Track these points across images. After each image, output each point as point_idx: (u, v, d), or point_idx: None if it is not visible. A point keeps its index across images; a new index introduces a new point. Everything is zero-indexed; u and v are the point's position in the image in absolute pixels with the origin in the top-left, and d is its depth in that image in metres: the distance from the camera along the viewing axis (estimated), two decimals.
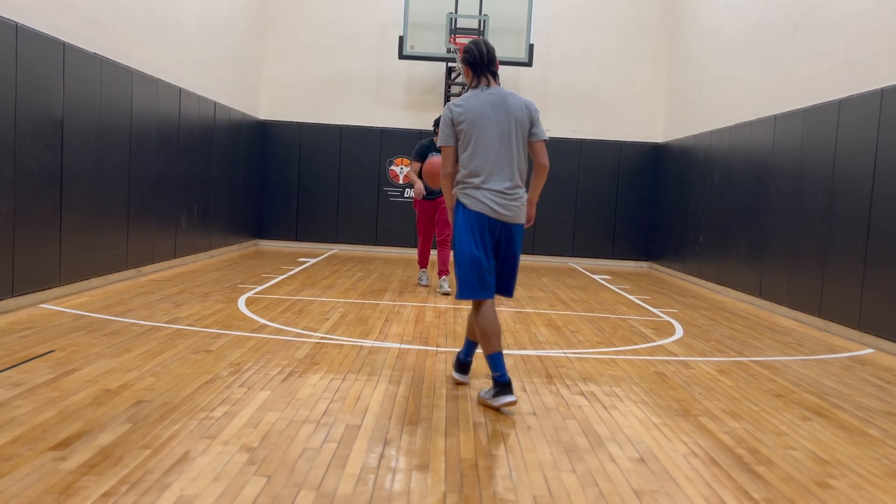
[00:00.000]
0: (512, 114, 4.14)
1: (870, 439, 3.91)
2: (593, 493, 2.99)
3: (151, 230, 8.92)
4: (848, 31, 7.67)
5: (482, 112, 4.12)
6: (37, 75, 6.41)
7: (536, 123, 4.22)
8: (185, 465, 3.02)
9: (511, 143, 4.14)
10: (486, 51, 4.22)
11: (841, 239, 7.38)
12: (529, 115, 4.19)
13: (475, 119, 4.11)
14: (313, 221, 13.92)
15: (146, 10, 8.74)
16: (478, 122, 4.11)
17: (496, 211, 4.11)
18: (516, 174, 4.18)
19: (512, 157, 4.15)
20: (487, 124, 4.11)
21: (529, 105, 4.21)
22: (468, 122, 4.12)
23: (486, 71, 4.21)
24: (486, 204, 4.10)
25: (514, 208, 4.16)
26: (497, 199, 4.12)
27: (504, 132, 4.12)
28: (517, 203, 4.18)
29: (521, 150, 4.19)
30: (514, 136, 4.15)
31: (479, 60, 4.21)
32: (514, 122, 4.15)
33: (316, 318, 6.55)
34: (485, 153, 4.11)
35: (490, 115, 4.12)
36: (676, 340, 6.48)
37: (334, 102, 13.91)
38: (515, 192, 4.17)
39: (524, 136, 4.20)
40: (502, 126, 4.12)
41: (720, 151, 10.77)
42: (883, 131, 6.80)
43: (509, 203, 4.14)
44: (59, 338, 5.19)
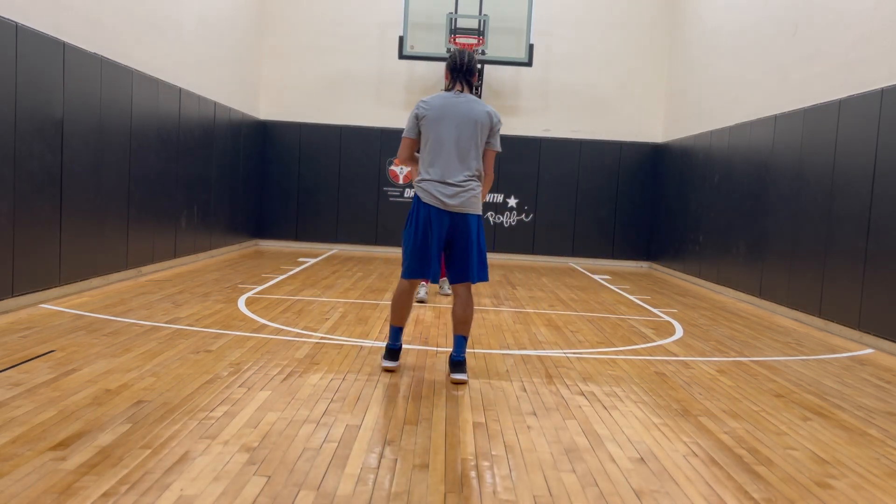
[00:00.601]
0: (472, 116, 4.46)
1: (870, 439, 3.91)
2: (593, 493, 2.99)
3: (151, 230, 8.92)
4: (848, 31, 7.67)
5: (444, 111, 4.46)
6: (37, 75, 6.41)
7: (495, 134, 4.55)
8: (185, 465, 3.02)
9: (466, 141, 4.45)
10: (468, 60, 4.57)
11: (841, 239, 7.38)
12: (491, 122, 4.51)
13: (437, 117, 4.46)
14: (313, 221, 13.92)
15: (146, 10, 8.74)
16: (438, 120, 4.46)
17: (444, 202, 4.46)
18: (468, 169, 4.48)
19: (466, 154, 4.46)
20: (447, 123, 4.44)
21: (493, 114, 4.54)
22: (429, 118, 4.48)
23: (462, 78, 4.58)
24: (436, 196, 4.47)
25: (462, 198, 4.46)
26: (445, 190, 4.46)
27: (461, 131, 4.44)
28: (467, 194, 4.47)
29: (477, 150, 4.50)
30: (470, 135, 4.46)
31: (459, 67, 4.56)
32: (473, 123, 4.46)
33: (316, 318, 6.55)
34: (440, 149, 4.46)
35: (451, 115, 4.45)
36: (676, 340, 6.48)
37: (334, 102, 13.91)
38: (466, 185, 4.47)
39: (482, 138, 4.50)
40: (460, 125, 4.44)
41: (720, 151, 10.77)
42: (883, 131, 6.80)
43: (458, 193, 4.46)
44: (59, 338, 5.19)
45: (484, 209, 13.82)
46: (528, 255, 14.01)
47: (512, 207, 14.00)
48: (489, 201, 13.94)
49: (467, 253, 4.55)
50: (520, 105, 14.06)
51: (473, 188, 4.51)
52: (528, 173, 13.96)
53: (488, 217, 13.96)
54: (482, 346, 5.80)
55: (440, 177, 4.48)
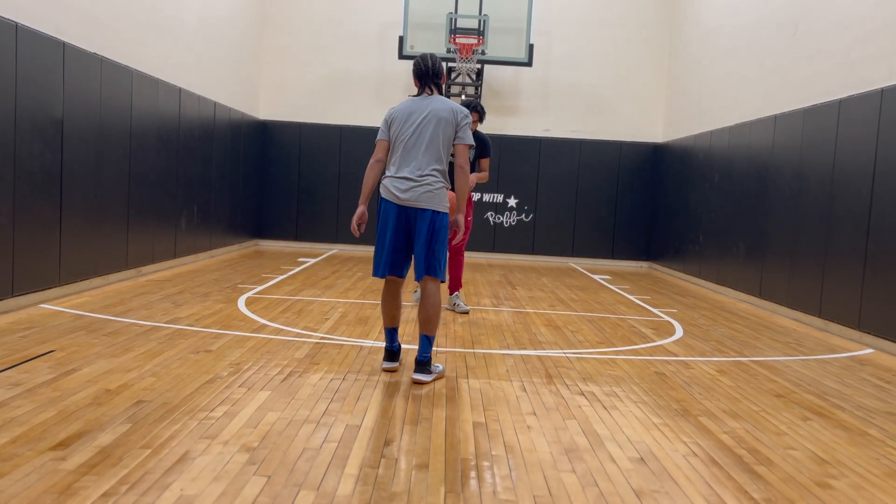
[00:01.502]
0: (435, 114, 4.52)
1: (870, 439, 3.91)
2: (593, 493, 2.99)
3: (151, 230, 8.92)
4: (848, 31, 7.67)
5: (408, 112, 4.57)
6: (37, 75, 6.41)
7: (462, 128, 4.57)
8: (185, 465, 3.02)
9: (428, 139, 4.50)
10: (433, 64, 4.66)
11: (841, 239, 7.38)
12: (455, 118, 4.54)
13: (401, 119, 4.57)
14: (313, 221, 13.92)
15: (146, 10, 8.74)
16: (402, 121, 4.56)
17: (397, 196, 4.51)
18: (428, 165, 4.51)
19: (427, 151, 4.50)
20: (409, 123, 4.54)
21: (458, 111, 4.56)
22: (396, 121, 4.59)
23: (429, 82, 4.65)
24: (391, 191, 4.54)
25: (416, 192, 4.48)
26: (399, 184, 4.52)
27: (422, 128, 4.51)
28: (421, 189, 4.49)
29: (439, 145, 4.52)
30: (432, 132, 4.50)
31: (425, 72, 4.65)
32: (436, 121, 4.51)
33: (316, 318, 6.55)
34: (401, 147, 4.55)
35: (413, 115, 4.54)
36: (676, 340, 6.48)
37: (334, 102, 13.91)
38: (422, 180, 4.49)
39: (446, 134, 4.53)
40: (422, 124, 4.51)
41: (720, 151, 10.77)
42: (883, 131, 6.80)
43: (413, 188, 4.49)
44: (59, 338, 5.19)
45: (484, 209, 13.91)
46: (528, 255, 14.01)
47: (512, 207, 14.00)
48: (489, 201, 13.95)
49: (423, 249, 4.53)
50: (520, 105, 14.06)
51: (430, 184, 4.50)
52: (528, 173, 13.96)
53: (488, 217, 13.96)
54: (482, 346, 5.80)
55: (396, 172, 4.56)
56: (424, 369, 4.54)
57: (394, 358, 4.82)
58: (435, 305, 4.59)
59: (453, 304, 7.40)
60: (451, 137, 4.56)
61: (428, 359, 4.57)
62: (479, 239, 13.96)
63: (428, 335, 4.60)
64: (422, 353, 4.56)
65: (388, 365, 4.80)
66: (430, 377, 4.55)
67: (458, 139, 4.59)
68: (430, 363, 4.58)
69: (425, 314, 4.59)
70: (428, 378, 4.52)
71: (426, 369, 4.55)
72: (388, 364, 4.80)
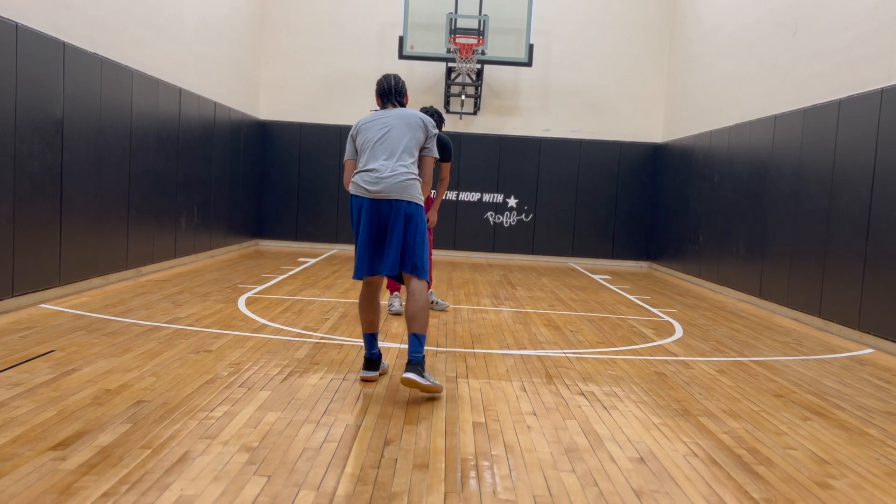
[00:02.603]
0: (403, 118, 4.41)
1: (870, 439, 3.91)
2: (593, 493, 2.99)
3: (151, 230, 8.92)
4: (848, 31, 7.67)
5: (373, 120, 4.45)
6: (37, 75, 6.41)
7: (430, 139, 4.48)
8: (185, 465, 3.02)
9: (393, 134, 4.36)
10: (395, 83, 4.55)
11: (841, 239, 7.38)
12: (424, 126, 4.43)
13: (367, 127, 4.44)
14: (313, 221, 13.92)
15: (146, 10, 8.74)
16: (368, 129, 4.43)
17: (367, 189, 4.31)
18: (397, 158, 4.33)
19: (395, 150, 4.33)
20: (375, 127, 4.41)
21: (427, 120, 4.46)
22: (361, 131, 4.46)
23: (392, 99, 4.54)
24: (360, 185, 4.34)
25: (386, 183, 4.28)
26: (367, 177, 4.32)
27: (390, 131, 4.37)
28: (392, 179, 4.28)
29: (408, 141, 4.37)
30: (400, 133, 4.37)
31: (388, 91, 4.54)
32: (404, 124, 4.39)
33: (316, 318, 6.55)
34: (368, 147, 4.39)
35: (379, 121, 4.43)
36: (676, 340, 6.48)
37: (334, 102, 13.91)
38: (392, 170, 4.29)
39: (414, 135, 4.39)
40: (389, 126, 4.38)
41: (720, 151, 10.77)
42: (883, 131, 6.80)
43: (383, 178, 4.28)
44: (59, 338, 5.19)
45: (484, 209, 13.91)
46: (528, 255, 14.01)
47: (512, 207, 14.00)
48: (489, 201, 13.95)
49: (391, 241, 4.29)
50: (520, 105, 14.06)
51: (402, 174, 4.29)
52: (528, 173, 13.96)
53: (488, 217, 13.96)
54: (482, 346, 5.80)
55: (364, 166, 4.37)
56: (416, 369, 4.11)
57: (373, 366, 4.54)
58: (420, 301, 4.27)
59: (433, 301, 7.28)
60: (419, 141, 4.42)
61: (420, 358, 4.16)
62: (479, 239, 13.97)
63: (417, 334, 4.23)
64: (413, 353, 4.19)
65: (367, 374, 4.52)
66: (424, 380, 4.08)
67: (426, 150, 4.48)
68: (422, 364, 4.16)
69: (411, 311, 4.27)
70: (422, 380, 4.07)
71: (418, 369, 4.11)
72: (367, 373, 4.52)
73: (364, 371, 4.54)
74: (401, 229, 4.28)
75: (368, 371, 4.54)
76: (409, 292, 4.33)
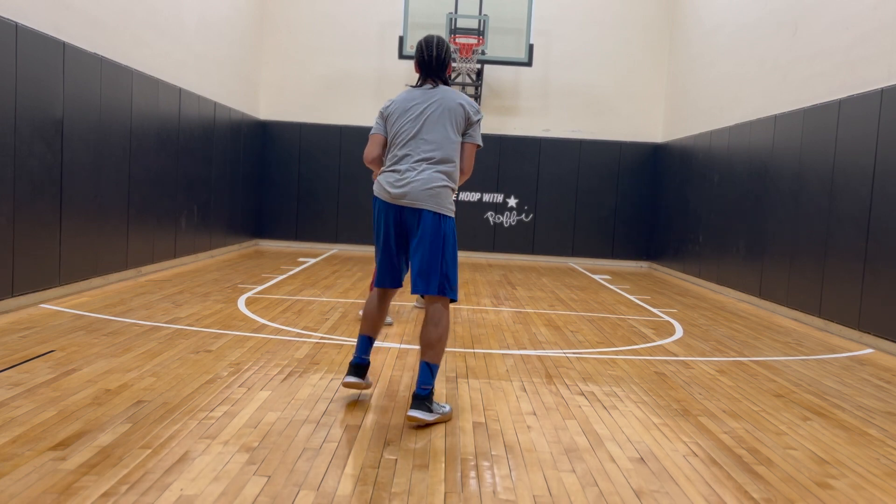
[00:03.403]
0: (443, 103, 3.84)
1: (870, 439, 3.91)
2: (593, 493, 2.99)
3: (151, 230, 8.92)
4: (848, 31, 7.67)
5: (408, 104, 3.88)
6: (37, 75, 6.41)
7: (473, 125, 3.91)
8: (185, 465, 3.02)
9: (432, 130, 3.81)
10: (437, 54, 3.95)
11: (841, 239, 7.38)
12: (466, 112, 3.86)
13: (400, 111, 3.89)
14: (313, 221, 13.92)
15: (146, 10, 8.74)
16: (402, 113, 3.88)
17: (389, 193, 3.79)
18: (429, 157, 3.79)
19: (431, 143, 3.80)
20: (410, 113, 3.85)
21: (469, 104, 3.90)
22: (393, 113, 3.91)
23: (433, 74, 3.96)
24: (383, 186, 3.84)
25: (412, 187, 3.75)
26: (392, 177, 3.81)
27: (427, 120, 3.82)
28: (419, 185, 3.74)
29: (449, 141, 3.82)
30: (439, 120, 3.81)
31: (428, 63, 3.96)
32: (442, 112, 3.83)
33: (316, 318, 6.54)
34: (400, 140, 3.86)
35: (415, 105, 3.86)
36: (676, 340, 6.48)
37: (334, 102, 13.91)
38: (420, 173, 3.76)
39: (455, 126, 3.84)
40: (426, 114, 3.82)
41: (720, 151, 10.77)
42: (883, 131, 6.80)
43: (409, 182, 3.75)
44: (59, 338, 5.19)
45: (484, 209, 13.91)
46: (528, 255, 14.01)
47: (512, 207, 13.99)
48: (489, 201, 13.95)
49: (418, 256, 3.79)
50: (520, 105, 14.06)
51: (431, 179, 3.75)
52: (528, 173, 13.96)
53: (488, 217, 13.96)
54: (482, 346, 5.80)
55: (389, 165, 3.87)
56: (423, 405, 3.64)
57: (360, 373, 3.98)
58: (440, 327, 3.76)
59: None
60: (460, 131, 3.86)
61: (428, 392, 3.68)
62: (480, 239, 13.97)
63: (430, 363, 3.73)
64: (421, 385, 3.69)
65: (352, 380, 3.96)
66: (432, 416, 3.66)
67: (469, 137, 3.91)
68: (430, 398, 3.69)
69: (427, 337, 3.75)
70: (429, 417, 3.64)
71: (425, 405, 3.64)
72: (352, 379, 3.97)
73: (349, 376, 3.98)
74: (427, 245, 3.75)
75: (355, 377, 3.98)
76: (429, 315, 3.81)
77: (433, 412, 3.68)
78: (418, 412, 3.62)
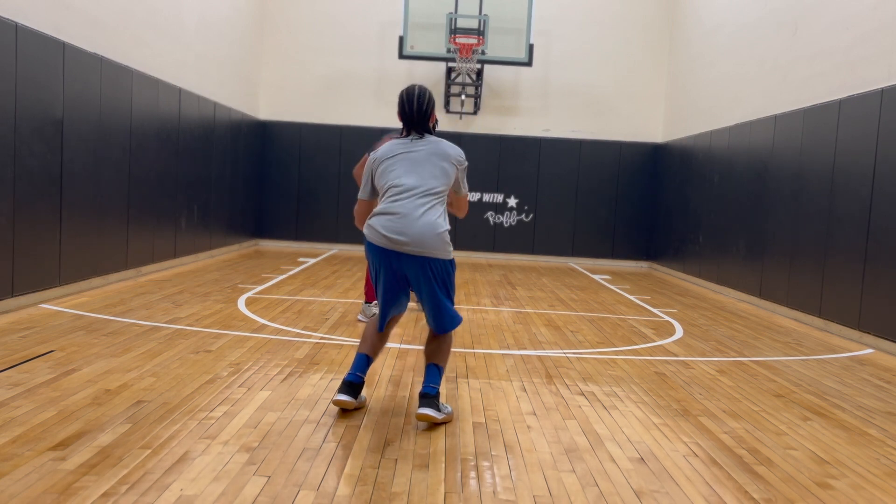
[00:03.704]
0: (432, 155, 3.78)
1: (870, 439, 3.91)
2: (593, 493, 2.99)
3: (151, 230, 8.92)
4: (848, 31, 7.67)
5: (396, 157, 3.79)
6: (37, 75, 6.41)
7: (462, 173, 3.88)
8: (185, 465, 3.02)
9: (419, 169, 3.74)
10: (418, 106, 3.81)
11: (841, 239, 7.38)
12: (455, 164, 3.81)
13: (389, 166, 3.78)
14: (313, 221, 13.92)
15: (146, 10, 8.74)
16: (390, 168, 3.77)
17: (388, 239, 3.66)
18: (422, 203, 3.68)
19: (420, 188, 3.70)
20: (398, 167, 3.76)
21: (457, 157, 3.82)
22: (382, 172, 3.80)
23: (415, 128, 3.84)
24: (379, 232, 3.69)
25: (411, 235, 3.64)
26: (388, 222, 3.68)
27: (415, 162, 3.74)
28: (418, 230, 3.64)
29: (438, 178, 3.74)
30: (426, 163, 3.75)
31: (409, 115, 3.83)
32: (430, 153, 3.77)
33: (316, 318, 6.54)
34: (391, 193, 3.74)
35: (402, 160, 3.77)
36: (676, 340, 6.48)
37: (334, 102, 13.91)
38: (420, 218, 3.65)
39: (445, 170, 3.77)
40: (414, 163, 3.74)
41: (720, 151, 10.77)
42: (883, 131, 6.80)
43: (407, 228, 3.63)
44: (59, 338, 5.19)
45: (484, 209, 13.91)
46: (528, 255, 14.01)
47: (512, 207, 13.99)
48: (489, 201, 13.95)
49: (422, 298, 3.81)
50: (520, 105, 14.06)
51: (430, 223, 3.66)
52: (528, 173, 13.96)
53: (488, 217, 13.96)
54: (482, 346, 5.80)
55: (385, 208, 3.72)
56: (433, 403, 3.67)
57: (353, 392, 3.80)
58: (445, 343, 3.89)
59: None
60: (450, 181, 3.79)
61: (436, 391, 3.74)
62: (479, 239, 13.97)
63: (437, 364, 3.81)
64: (428, 384, 3.73)
65: (344, 398, 3.76)
66: (440, 415, 3.69)
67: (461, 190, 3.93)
68: (438, 397, 3.75)
69: (434, 345, 3.87)
70: (438, 416, 3.67)
71: (434, 403, 3.68)
72: (344, 397, 3.77)
73: (340, 394, 3.78)
74: (430, 289, 3.73)
75: (346, 395, 3.78)
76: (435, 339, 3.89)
77: (441, 412, 3.71)
78: (429, 410, 3.63)
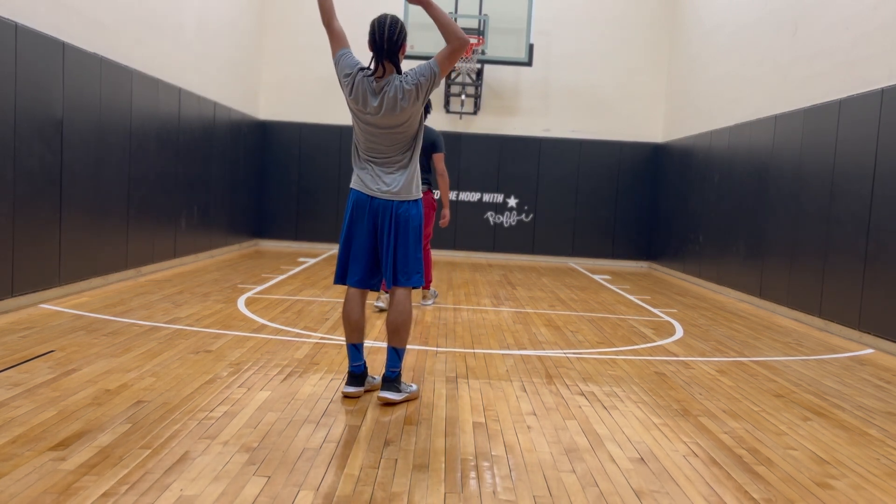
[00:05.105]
0: (391, 101, 3.95)
1: (870, 439, 3.91)
2: (593, 493, 2.99)
3: (151, 230, 8.92)
4: (848, 31, 7.67)
5: (364, 93, 4.02)
6: (37, 75, 6.40)
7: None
8: (185, 465, 3.02)
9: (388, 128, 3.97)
10: (390, 32, 4.05)
11: (841, 239, 7.38)
12: (416, 89, 3.98)
13: (358, 94, 4.02)
14: (313, 221, 13.91)
15: (146, 10, 8.74)
16: (359, 97, 4.02)
17: (367, 186, 3.99)
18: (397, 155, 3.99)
19: (388, 139, 3.98)
20: (368, 106, 3.99)
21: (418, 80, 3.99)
22: (353, 92, 4.04)
23: (383, 57, 4.04)
24: (362, 180, 4.02)
25: (386, 182, 3.95)
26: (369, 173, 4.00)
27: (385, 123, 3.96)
28: (390, 178, 3.96)
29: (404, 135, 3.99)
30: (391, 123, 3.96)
31: (380, 44, 4.07)
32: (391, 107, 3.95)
33: (316, 318, 6.54)
34: (362, 132, 4.03)
35: (371, 99, 3.99)
36: (676, 340, 6.48)
37: (334, 102, 13.83)
38: (391, 166, 3.98)
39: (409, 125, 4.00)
40: (381, 110, 3.96)
41: (720, 151, 10.77)
42: (883, 131, 6.80)
43: (384, 176, 3.97)
44: (59, 338, 5.19)
45: (484, 209, 13.91)
46: (528, 255, 14.01)
47: (512, 207, 13.99)
48: (489, 201, 13.95)
49: (392, 251, 3.96)
50: (520, 105, 14.06)
51: (397, 173, 3.98)
52: (528, 173, 13.96)
53: (488, 217, 13.96)
54: (482, 346, 5.80)
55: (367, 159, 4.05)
56: (393, 387, 3.96)
57: (358, 381, 4.08)
58: (404, 313, 3.99)
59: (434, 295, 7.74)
60: (419, 106, 4.00)
61: (396, 374, 3.98)
62: (479, 239, 13.97)
63: (396, 347, 4.02)
64: (389, 368, 4.00)
65: (350, 390, 4.06)
66: (400, 396, 3.98)
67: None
68: (399, 379, 4.00)
69: (393, 323, 4.00)
70: (397, 397, 3.96)
71: (395, 386, 3.97)
72: (350, 388, 4.06)
73: (347, 386, 4.09)
74: (395, 234, 3.96)
75: (352, 386, 4.07)
76: (395, 301, 4.02)
77: (401, 392, 4.02)
78: (388, 393, 3.97)
